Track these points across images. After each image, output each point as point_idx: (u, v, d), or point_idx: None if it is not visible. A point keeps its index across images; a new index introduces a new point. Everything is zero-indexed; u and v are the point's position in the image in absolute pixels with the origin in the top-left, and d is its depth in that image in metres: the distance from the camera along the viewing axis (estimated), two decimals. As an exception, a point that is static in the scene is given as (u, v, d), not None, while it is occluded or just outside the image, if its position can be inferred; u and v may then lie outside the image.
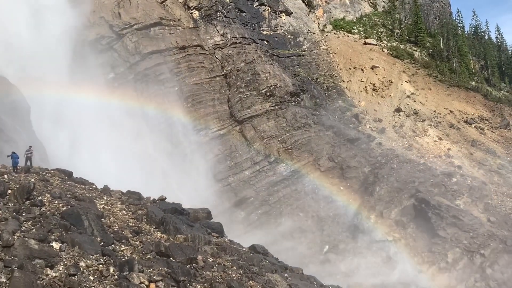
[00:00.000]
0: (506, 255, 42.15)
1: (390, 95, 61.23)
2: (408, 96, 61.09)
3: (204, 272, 17.10)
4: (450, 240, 42.94)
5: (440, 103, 61.66)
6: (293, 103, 54.09)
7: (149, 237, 18.87)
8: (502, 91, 72.10)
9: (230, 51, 53.81)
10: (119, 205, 21.61)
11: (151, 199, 24.49)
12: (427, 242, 43.85)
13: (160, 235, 19.42)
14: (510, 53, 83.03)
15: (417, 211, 45.93)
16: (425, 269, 41.58)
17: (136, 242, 17.75)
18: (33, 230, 15.11)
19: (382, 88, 61.90)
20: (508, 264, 41.74)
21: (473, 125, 59.45)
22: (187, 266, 16.69)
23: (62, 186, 21.59)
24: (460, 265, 41.56)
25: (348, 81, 63.11)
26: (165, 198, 24.11)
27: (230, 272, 18.02)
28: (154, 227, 20.29)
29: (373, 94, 61.39)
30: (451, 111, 60.85)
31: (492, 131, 59.57)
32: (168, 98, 48.64)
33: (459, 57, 73.30)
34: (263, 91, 52.33)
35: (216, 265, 18.35)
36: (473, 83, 68.98)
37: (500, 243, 43.06)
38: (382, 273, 40.13)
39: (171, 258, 16.95)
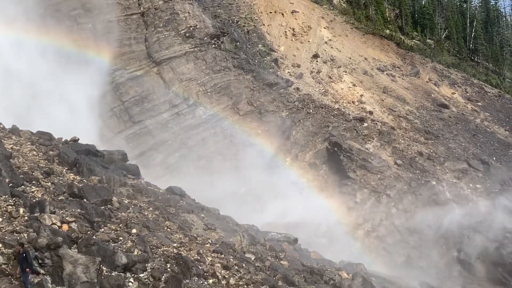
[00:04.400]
0: (410, 196, 45.27)
1: (308, 41, 61.81)
2: (325, 43, 62.00)
3: (119, 213, 17.08)
4: (359, 181, 45.40)
5: (356, 50, 63.28)
6: (213, 46, 53.30)
7: (61, 178, 18.43)
8: (414, 40, 74.92)
9: (147, -12, 51.67)
10: (29, 146, 20.81)
11: (63, 140, 23.71)
12: (338, 183, 46.15)
13: (73, 176, 19.01)
14: (423, 2, 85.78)
15: (330, 154, 47.95)
16: (336, 208, 43.88)
17: (47, 184, 17.30)
18: None
19: (301, 34, 62.29)
20: (411, 204, 44.91)
21: (385, 73, 61.77)
22: (102, 208, 16.59)
23: (-35, 125, 20.40)
24: (367, 205, 44.20)
25: (268, 25, 62.84)
26: (78, 139, 23.45)
27: (146, 213, 18.12)
28: (66, 168, 19.79)
29: (293, 39, 61.71)
30: (365, 58, 62.70)
31: (402, 79, 62.28)
32: (81, 35, 46.35)
33: (375, 5, 74.81)
34: (182, 31, 51.06)
35: (132, 206, 18.37)
36: (388, 31, 71.08)
37: (405, 184, 46.07)
38: (295, 212, 41.85)
39: (85, 200, 16.74)
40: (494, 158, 52.96)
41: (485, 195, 47.93)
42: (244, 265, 16.16)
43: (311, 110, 51.52)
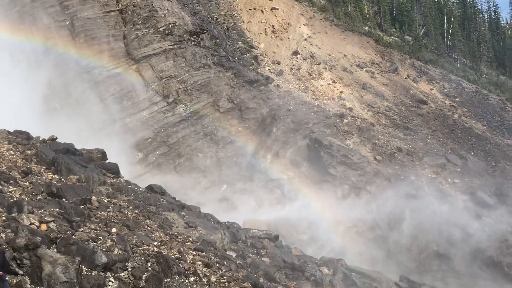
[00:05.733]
0: (389, 191, 45.73)
1: (288, 38, 61.96)
2: (305, 40, 62.22)
3: (99, 213, 16.93)
4: (339, 177, 45.72)
5: (335, 47, 63.63)
6: (193, 43, 53.05)
7: (39, 178, 18.20)
8: (392, 37, 75.54)
9: (125, -15, 51.21)
10: (6, 145, 20.50)
11: (40, 139, 23.39)
12: (319, 180, 46.42)
13: (51, 175, 18.78)
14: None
15: (311, 151, 48.18)
16: (317, 204, 44.12)
17: (25, 183, 17.07)
18: None
19: (281, 31, 62.41)
20: (391, 199, 45.37)
21: (364, 69, 62.24)
22: (81, 207, 16.41)
23: None
24: (348, 201, 44.56)
25: (248, 22, 62.81)
26: (56, 138, 23.13)
27: (126, 212, 17.98)
28: (44, 167, 19.54)
29: (272, 36, 61.79)
30: (345, 55, 63.09)
31: (381, 75, 62.82)
32: (59, 33, 45.80)
33: (354, 2, 75.25)
34: (161, 29, 50.72)
35: (112, 205, 18.21)
36: (366, 28, 71.57)
37: (384, 180, 46.52)
38: (276, 209, 42.03)
39: (64, 199, 16.54)
40: (471, 153, 53.78)
41: (463, 189, 48.65)
42: (225, 262, 16.17)
43: (291, 107, 51.68)
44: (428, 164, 50.50)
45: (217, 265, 15.30)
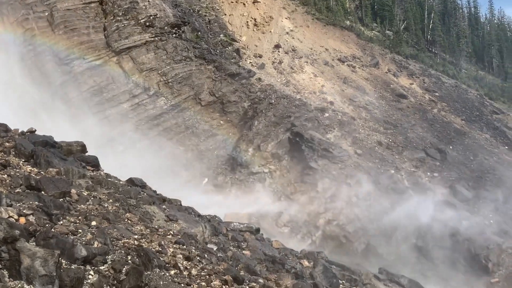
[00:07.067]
0: (369, 185, 46.14)
1: (270, 31, 61.93)
2: (287, 33, 62.25)
3: (79, 206, 16.74)
4: (320, 171, 45.98)
5: (317, 41, 63.78)
6: (174, 35, 52.73)
7: (18, 170, 17.92)
8: (373, 31, 76.06)
9: (106, -24, 50.64)
10: (-17, 138, 20.15)
11: (19, 131, 23.03)
12: (300, 173, 46.64)
13: (30, 168, 18.50)
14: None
15: (292, 144, 48.36)
16: (297, 197, 44.36)
17: (3, 176, 16.80)
18: None
19: (263, 24, 62.33)
20: (371, 192, 45.79)
21: (345, 63, 62.53)
22: (60, 200, 16.20)
23: None
24: (328, 194, 44.84)
25: (230, 15, 62.59)
26: (35, 130, 22.79)
27: (106, 205, 17.81)
28: (23, 160, 19.24)
29: (254, 29, 61.69)
30: (326, 49, 63.29)
31: (362, 69, 63.19)
32: (38, 24, 45.14)
33: (336, -4, 75.55)
34: (142, 20, 50.31)
35: (92, 198, 18.01)
36: (348, 22, 71.89)
37: (365, 173, 46.90)
38: (258, 202, 42.15)
39: (43, 192, 16.32)
40: (450, 147, 54.47)
41: (442, 183, 49.31)
42: (206, 255, 16.14)
43: (273, 101, 51.73)
44: (408, 158, 51.05)
45: (198, 258, 15.27)
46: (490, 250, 42.68)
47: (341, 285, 19.31)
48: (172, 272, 13.28)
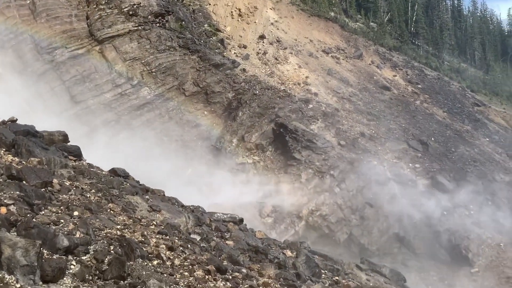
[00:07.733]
0: (352, 175, 46.48)
1: (255, 22, 61.71)
2: (272, 24, 62.11)
3: (61, 196, 16.60)
4: (304, 162, 46.18)
5: (301, 32, 63.77)
6: (158, 25, 52.28)
7: (-2, 160, 17.72)
8: (358, 23, 76.24)
9: (88, -36, 49.96)
10: (-37, 127, 19.87)
11: (0, 120, 22.75)
12: (284, 164, 46.79)
13: (11, 158, 18.29)
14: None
15: (276, 135, 48.45)
16: (281, 188, 44.54)
17: (-17, 166, 16.60)
18: None
19: (247, 14, 62.07)
20: (353, 183, 46.14)
21: (330, 55, 62.66)
22: (42, 190, 16.06)
23: None
24: (312, 184, 45.09)
25: (214, 5, 62.18)
26: (16, 119, 22.52)
27: (88, 195, 17.70)
28: (4, 150, 19.02)
29: (239, 19, 61.42)
30: (311, 40, 63.33)
31: (346, 61, 63.40)
32: (19, 12, 44.45)
33: (320, -13, 75.38)
34: (125, 9, 49.78)
35: (74, 188, 17.88)
36: (332, 14, 71.94)
37: (348, 164, 47.21)
38: (242, 193, 42.21)
39: (24, 182, 16.17)
40: (432, 139, 55.04)
41: (423, 174, 49.87)
42: (189, 246, 16.15)
43: (257, 92, 51.70)
44: (390, 149, 51.49)
45: (181, 248, 15.28)
46: (471, 240, 43.41)
47: (323, 275, 19.46)
48: (155, 262, 13.28)
